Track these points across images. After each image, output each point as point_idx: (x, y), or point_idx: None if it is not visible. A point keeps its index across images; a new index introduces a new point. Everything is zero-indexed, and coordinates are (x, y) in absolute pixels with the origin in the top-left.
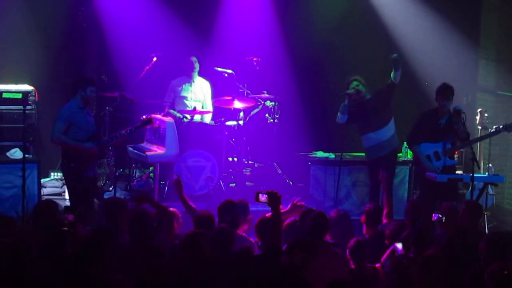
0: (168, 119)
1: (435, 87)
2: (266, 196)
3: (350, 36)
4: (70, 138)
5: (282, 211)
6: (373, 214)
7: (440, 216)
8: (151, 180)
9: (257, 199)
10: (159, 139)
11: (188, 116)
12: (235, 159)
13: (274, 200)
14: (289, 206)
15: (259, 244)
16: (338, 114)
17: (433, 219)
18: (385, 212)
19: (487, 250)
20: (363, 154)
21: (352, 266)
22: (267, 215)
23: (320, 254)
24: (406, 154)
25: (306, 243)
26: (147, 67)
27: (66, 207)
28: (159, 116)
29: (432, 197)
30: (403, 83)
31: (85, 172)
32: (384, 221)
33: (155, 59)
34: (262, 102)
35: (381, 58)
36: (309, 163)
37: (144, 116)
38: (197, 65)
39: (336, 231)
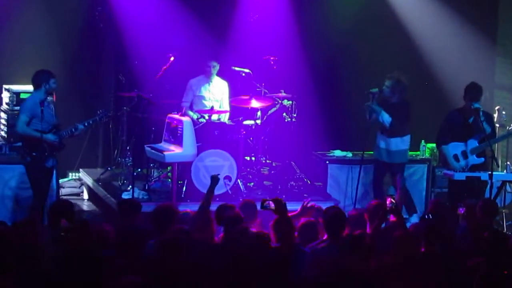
0: (186, 118)
1: (453, 86)
2: (273, 203)
3: (366, 34)
4: (32, 129)
5: (293, 213)
6: (374, 210)
7: (464, 210)
8: (169, 180)
9: (262, 206)
10: (177, 139)
11: (206, 116)
12: (253, 158)
13: (280, 207)
14: (299, 209)
15: None
16: (366, 114)
17: (459, 212)
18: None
19: None
20: None
21: None
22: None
23: None
24: (424, 152)
25: None
26: (165, 67)
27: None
28: (176, 116)
29: (459, 195)
30: (419, 81)
31: (45, 161)
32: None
33: (172, 58)
34: (280, 101)
35: (397, 57)
36: (327, 162)
37: (99, 111)
38: (213, 70)
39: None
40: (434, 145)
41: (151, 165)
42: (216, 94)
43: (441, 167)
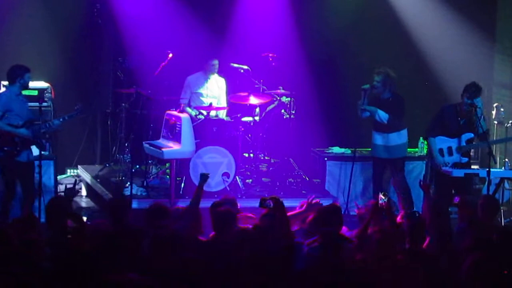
0: (184, 115)
1: (452, 83)
2: (271, 201)
3: (365, 32)
4: (5, 123)
5: (298, 210)
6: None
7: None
8: (167, 176)
9: (262, 205)
10: (175, 136)
11: (204, 112)
12: (251, 155)
13: (278, 205)
14: (304, 206)
15: None
16: (358, 112)
17: (454, 202)
18: (401, 213)
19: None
20: None
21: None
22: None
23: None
24: (422, 149)
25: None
26: (163, 64)
27: (69, 213)
28: (174, 113)
29: (448, 192)
30: (419, 78)
31: (18, 156)
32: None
33: (170, 55)
34: (278, 98)
35: (395, 54)
36: (325, 158)
37: (77, 106)
38: (214, 68)
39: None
40: None
41: (150, 161)
42: (213, 90)
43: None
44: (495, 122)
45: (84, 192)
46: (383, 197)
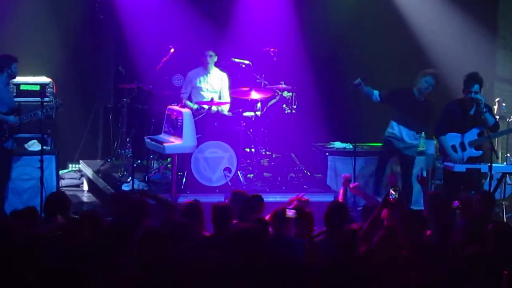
0: (186, 110)
1: (454, 78)
2: (294, 212)
3: (366, 27)
4: None
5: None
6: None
7: (459, 203)
8: (168, 171)
9: (283, 214)
10: (177, 130)
11: (206, 107)
12: (253, 150)
13: (304, 217)
14: (294, 203)
15: None
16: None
17: (453, 206)
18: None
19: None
20: (380, 144)
21: None
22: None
23: None
24: (424, 144)
25: None
26: (165, 59)
27: (12, 212)
28: (176, 107)
29: (455, 187)
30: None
31: (5, 142)
32: None
33: (172, 50)
34: (280, 93)
35: (397, 49)
36: (327, 153)
37: (57, 99)
38: (210, 60)
39: None
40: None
41: (151, 156)
42: (214, 85)
43: (440, 158)
44: (497, 117)
45: (85, 187)
46: (394, 193)
